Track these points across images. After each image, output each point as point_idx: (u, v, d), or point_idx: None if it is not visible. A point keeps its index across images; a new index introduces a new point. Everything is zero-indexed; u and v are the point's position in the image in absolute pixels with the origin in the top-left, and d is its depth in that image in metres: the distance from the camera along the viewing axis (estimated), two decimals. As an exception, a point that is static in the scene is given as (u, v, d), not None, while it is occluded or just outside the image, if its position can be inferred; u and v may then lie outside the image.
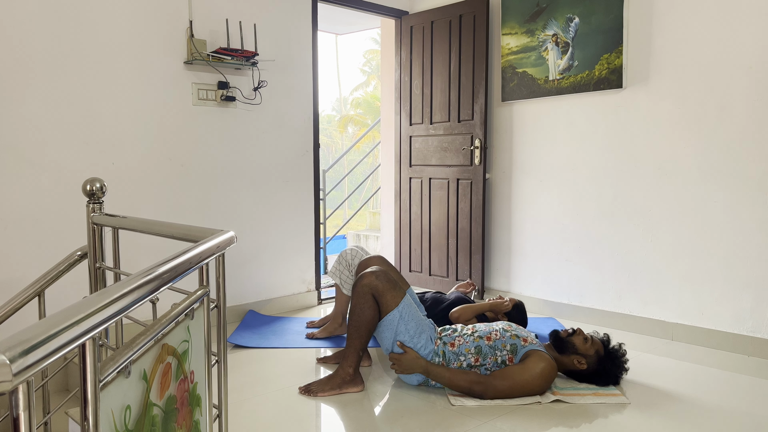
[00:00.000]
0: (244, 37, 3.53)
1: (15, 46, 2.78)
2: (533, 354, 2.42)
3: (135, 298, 0.97)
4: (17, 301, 1.82)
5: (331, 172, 6.30)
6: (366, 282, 2.48)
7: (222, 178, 3.54)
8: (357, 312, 2.48)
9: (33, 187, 2.86)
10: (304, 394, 2.46)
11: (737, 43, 2.99)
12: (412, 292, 2.84)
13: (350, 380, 2.49)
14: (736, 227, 3.04)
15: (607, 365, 2.54)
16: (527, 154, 3.93)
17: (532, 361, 2.40)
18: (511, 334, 2.50)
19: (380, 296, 2.48)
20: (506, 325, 2.59)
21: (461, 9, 4.12)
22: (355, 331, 2.49)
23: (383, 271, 2.54)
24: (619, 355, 2.56)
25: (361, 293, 2.48)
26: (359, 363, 2.52)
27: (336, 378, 2.49)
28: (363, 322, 2.48)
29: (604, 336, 2.62)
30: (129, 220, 1.76)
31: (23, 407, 0.69)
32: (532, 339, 2.52)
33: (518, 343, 2.47)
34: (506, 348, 2.46)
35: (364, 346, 2.50)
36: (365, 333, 2.49)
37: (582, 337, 2.57)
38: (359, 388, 2.50)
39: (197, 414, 1.37)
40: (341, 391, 2.47)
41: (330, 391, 2.45)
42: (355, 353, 2.49)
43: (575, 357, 2.53)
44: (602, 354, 2.55)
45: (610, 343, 2.60)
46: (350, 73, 34.52)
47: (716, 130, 3.09)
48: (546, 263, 3.85)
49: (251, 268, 3.71)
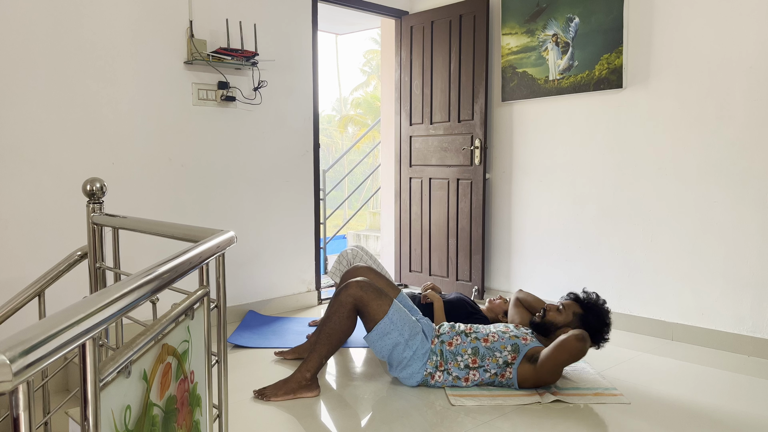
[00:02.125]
0: (244, 37, 3.53)
1: (15, 46, 2.78)
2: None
3: (135, 298, 0.97)
4: (17, 301, 1.82)
5: (331, 172, 6.30)
6: (351, 292, 2.46)
7: (222, 178, 3.54)
8: (334, 320, 2.45)
9: (33, 187, 2.86)
10: (258, 398, 2.40)
11: (737, 43, 2.99)
12: (404, 295, 2.82)
13: (306, 386, 2.42)
14: (736, 227, 3.04)
15: (590, 319, 2.54)
16: (527, 154, 3.93)
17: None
18: (510, 335, 2.51)
19: (365, 306, 2.46)
20: (504, 326, 2.59)
21: (461, 9, 4.12)
22: (326, 337, 2.45)
23: (368, 281, 2.52)
24: (595, 302, 2.56)
25: (343, 302, 2.46)
26: (319, 369, 2.47)
27: (291, 382, 2.42)
28: (337, 330, 2.45)
29: (571, 295, 2.63)
30: (129, 220, 1.76)
31: (23, 407, 0.69)
32: (531, 337, 2.52)
33: (519, 343, 2.48)
34: (507, 349, 2.47)
35: (330, 355, 2.47)
36: (336, 342, 2.46)
37: (554, 309, 2.59)
38: (314, 393, 2.43)
39: (197, 414, 1.37)
40: (296, 396, 2.40)
41: (284, 396, 2.39)
42: (318, 359, 2.45)
43: (560, 332, 2.54)
44: (580, 311, 2.56)
45: (580, 297, 2.60)
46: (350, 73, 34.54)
47: (716, 130, 3.09)
48: (546, 263, 3.85)
49: (251, 268, 3.71)
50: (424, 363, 2.49)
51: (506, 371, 2.46)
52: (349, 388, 2.56)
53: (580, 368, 2.74)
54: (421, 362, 2.49)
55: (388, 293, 2.69)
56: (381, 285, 2.78)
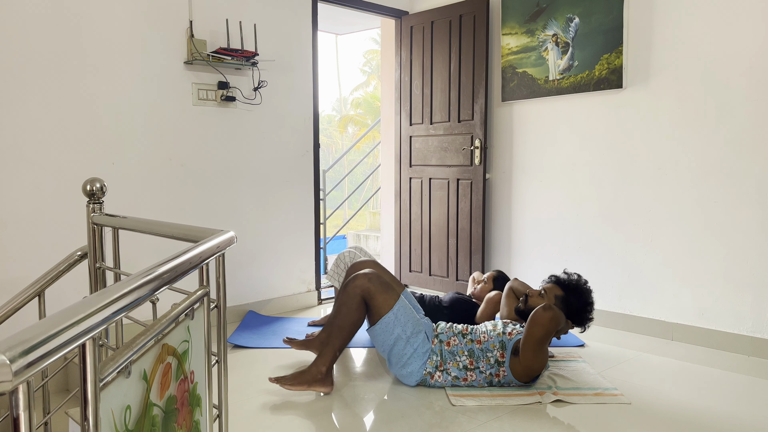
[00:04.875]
0: (244, 37, 3.53)
1: (15, 46, 2.78)
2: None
3: (135, 298, 0.97)
4: (17, 301, 1.82)
5: (331, 172, 6.30)
6: (358, 283, 2.47)
7: (222, 178, 3.54)
8: (344, 312, 2.47)
9: (33, 187, 2.86)
10: (274, 382, 2.43)
11: (737, 43, 2.99)
12: (408, 293, 2.83)
13: (321, 379, 2.44)
14: (736, 227, 3.04)
15: (572, 300, 2.54)
16: (527, 154, 3.93)
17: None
18: (498, 332, 2.52)
19: (372, 299, 2.46)
20: (492, 324, 2.60)
21: (461, 9, 4.12)
22: (337, 330, 2.46)
23: (376, 273, 2.53)
24: (576, 283, 2.56)
25: (351, 294, 2.47)
26: (333, 363, 2.49)
27: (307, 375, 2.44)
28: (348, 323, 2.46)
29: (552, 278, 2.63)
30: (129, 220, 1.76)
31: (23, 407, 0.69)
32: (516, 330, 2.52)
33: (504, 339, 2.48)
34: (495, 347, 2.48)
35: (343, 347, 2.48)
36: (347, 334, 2.47)
37: (536, 295, 2.60)
38: (328, 388, 2.45)
39: (197, 414, 1.37)
40: (309, 388, 2.43)
41: (298, 386, 2.42)
42: (332, 353, 2.46)
43: None
44: (562, 294, 2.56)
45: (560, 278, 2.60)
46: (350, 73, 34.53)
47: (716, 130, 3.09)
48: (546, 263, 3.85)
49: (251, 268, 3.71)
50: (424, 362, 2.49)
51: (500, 370, 2.47)
52: (349, 388, 2.56)
53: (580, 368, 2.75)
54: (421, 361, 2.49)
55: (395, 287, 2.70)
56: (387, 279, 2.78)
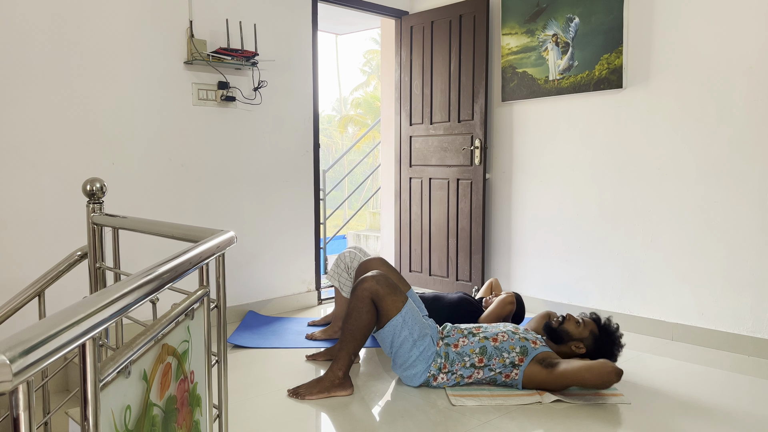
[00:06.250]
0: (244, 37, 3.53)
1: (15, 47, 2.78)
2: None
3: (135, 298, 0.97)
4: (17, 301, 1.82)
5: (331, 172, 6.30)
6: (367, 286, 2.47)
7: (222, 178, 3.54)
8: (354, 316, 2.46)
9: (33, 187, 2.86)
10: (292, 397, 2.42)
11: (737, 43, 2.99)
12: (413, 293, 2.84)
13: (339, 384, 2.45)
14: (736, 227, 3.04)
15: (605, 343, 2.55)
16: (527, 154, 3.92)
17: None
18: (520, 336, 2.52)
19: (380, 301, 2.46)
20: (513, 327, 2.60)
21: (461, 9, 4.12)
22: (350, 334, 2.46)
23: (384, 275, 2.52)
24: (613, 330, 2.58)
25: (360, 297, 2.46)
26: (350, 367, 2.49)
27: (325, 381, 2.45)
28: (359, 326, 2.45)
29: (593, 315, 2.64)
30: (129, 220, 1.76)
31: (23, 407, 0.69)
32: (540, 342, 2.53)
33: (528, 345, 2.48)
34: (515, 350, 2.47)
35: (357, 350, 2.48)
36: (360, 337, 2.46)
37: (574, 321, 2.58)
38: (348, 392, 2.46)
39: (197, 414, 1.37)
40: (330, 395, 2.43)
41: (318, 395, 2.41)
42: (347, 357, 2.47)
43: (572, 343, 2.55)
44: (597, 333, 2.57)
45: (601, 320, 2.61)
46: (350, 73, 34.50)
47: (716, 130, 3.09)
48: (546, 263, 3.85)
49: (251, 268, 3.71)
50: (428, 365, 2.49)
51: (512, 372, 2.47)
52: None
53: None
54: (425, 364, 2.49)
55: (401, 288, 2.70)
56: (393, 278, 2.78)
